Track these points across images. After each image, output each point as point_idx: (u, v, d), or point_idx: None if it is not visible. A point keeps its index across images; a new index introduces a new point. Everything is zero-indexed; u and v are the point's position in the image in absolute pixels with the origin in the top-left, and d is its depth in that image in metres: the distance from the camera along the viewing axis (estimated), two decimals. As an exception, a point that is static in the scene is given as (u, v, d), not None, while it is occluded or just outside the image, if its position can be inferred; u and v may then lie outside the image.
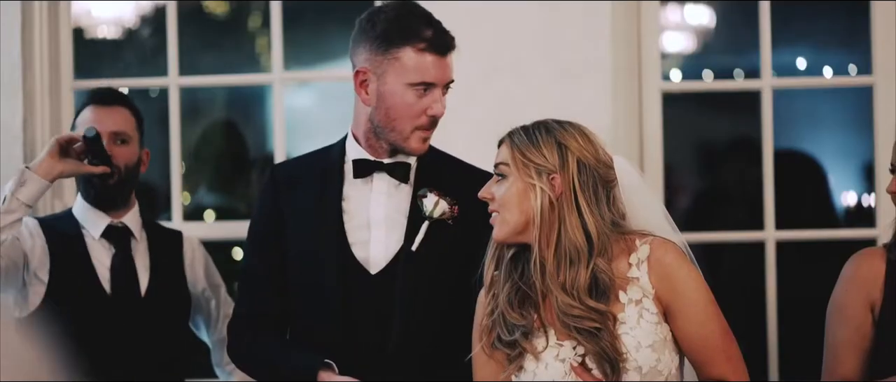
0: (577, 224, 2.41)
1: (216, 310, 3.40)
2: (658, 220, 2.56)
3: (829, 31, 5.55)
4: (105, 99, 3.27)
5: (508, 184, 2.46)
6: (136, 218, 3.29)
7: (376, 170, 2.72)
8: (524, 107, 3.70)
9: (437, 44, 2.66)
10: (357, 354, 2.63)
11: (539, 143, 2.46)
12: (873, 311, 2.69)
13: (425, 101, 2.66)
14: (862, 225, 4.89)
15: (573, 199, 2.42)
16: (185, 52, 4.04)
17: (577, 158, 2.44)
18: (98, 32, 5.21)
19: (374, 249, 2.68)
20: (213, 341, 3.43)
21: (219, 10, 5.87)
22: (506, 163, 2.48)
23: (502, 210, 2.46)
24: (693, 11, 5.37)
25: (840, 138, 5.73)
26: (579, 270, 2.39)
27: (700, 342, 2.42)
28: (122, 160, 3.20)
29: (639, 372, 2.39)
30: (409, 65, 2.64)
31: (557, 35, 3.70)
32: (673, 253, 2.44)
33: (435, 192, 2.67)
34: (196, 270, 3.36)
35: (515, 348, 2.45)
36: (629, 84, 3.76)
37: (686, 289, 2.42)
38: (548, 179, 2.43)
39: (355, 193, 2.72)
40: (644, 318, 2.40)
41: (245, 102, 6.23)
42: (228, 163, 5.82)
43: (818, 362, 2.81)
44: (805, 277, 3.97)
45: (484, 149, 3.64)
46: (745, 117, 4.81)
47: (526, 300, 2.47)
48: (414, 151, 2.70)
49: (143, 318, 3.21)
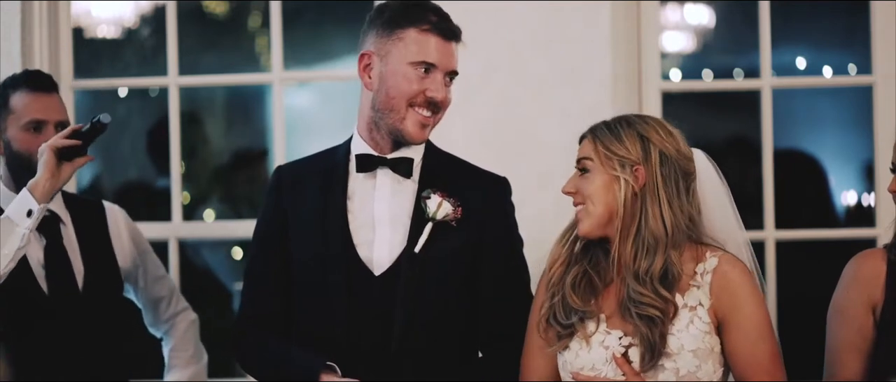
0: (657, 214, 2.47)
1: (143, 276, 3.34)
2: (727, 217, 2.60)
3: (829, 31, 5.55)
4: (46, 86, 3.14)
5: (592, 177, 2.52)
6: (60, 201, 3.18)
7: (379, 165, 2.71)
8: (524, 107, 3.71)
9: (442, 27, 2.68)
10: (360, 354, 2.63)
11: (621, 136, 2.52)
12: (874, 312, 2.68)
13: (425, 82, 2.66)
14: (862, 224, 4.89)
15: (655, 191, 2.48)
16: (185, 52, 4.04)
17: (659, 150, 2.50)
18: (98, 32, 5.21)
19: (378, 250, 2.68)
20: (142, 303, 3.39)
21: (218, 10, 5.87)
22: (589, 157, 2.54)
23: (587, 202, 2.52)
24: (693, 11, 5.37)
25: (840, 138, 5.73)
26: (655, 258, 2.46)
27: (750, 360, 2.47)
28: None
29: (675, 373, 2.44)
30: (411, 43, 2.66)
31: (557, 35, 3.70)
32: (740, 270, 2.50)
33: (439, 194, 2.67)
34: (123, 242, 3.28)
35: (568, 329, 2.51)
36: (629, 83, 3.76)
37: (745, 305, 2.47)
38: (631, 171, 2.49)
39: (360, 189, 2.72)
40: (694, 324, 2.46)
41: (245, 102, 6.23)
42: (228, 162, 5.82)
43: (818, 362, 2.81)
44: (805, 277, 3.97)
45: (484, 148, 3.65)
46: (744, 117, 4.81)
47: (589, 285, 2.53)
48: (411, 137, 2.69)
49: (84, 314, 3.12)
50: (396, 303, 2.63)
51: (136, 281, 3.35)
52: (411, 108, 2.67)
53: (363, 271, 2.67)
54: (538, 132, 3.68)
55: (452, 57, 2.71)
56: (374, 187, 2.72)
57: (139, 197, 5.34)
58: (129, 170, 5.79)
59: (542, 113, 3.69)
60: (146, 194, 5.46)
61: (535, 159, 3.66)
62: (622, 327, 2.49)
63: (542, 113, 3.69)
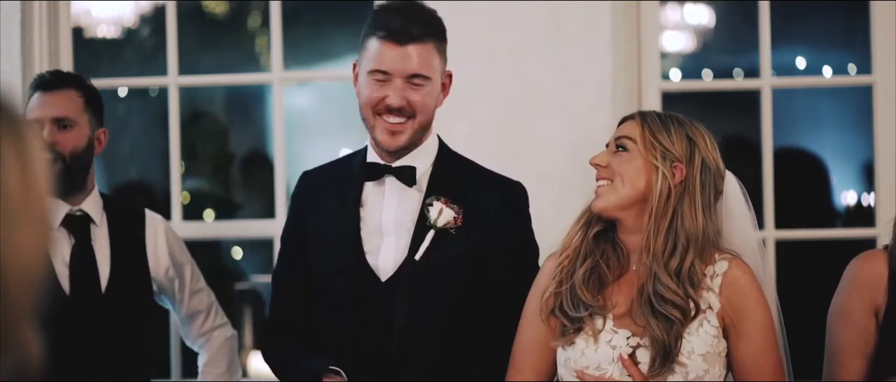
0: (693, 215, 2.45)
1: (180, 290, 3.31)
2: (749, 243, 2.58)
3: (829, 31, 5.56)
4: (48, 84, 3.15)
5: (629, 157, 2.49)
6: (96, 202, 3.19)
7: (386, 174, 2.73)
8: (524, 107, 3.71)
9: (397, 33, 2.64)
10: (366, 360, 2.64)
11: (671, 130, 2.50)
12: (877, 315, 2.67)
13: (383, 90, 2.65)
14: (861, 224, 4.89)
15: (694, 192, 2.47)
16: (185, 52, 4.04)
17: (702, 157, 2.49)
18: (98, 32, 5.21)
19: (384, 256, 2.69)
20: (180, 317, 3.38)
21: (218, 10, 5.87)
22: (632, 138, 2.51)
23: (615, 179, 2.49)
24: (693, 11, 5.38)
25: (840, 138, 5.74)
26: (686, 257, 2.43)
27: (754, 367, 2.46)
28: (66, 146, 3.10)
29: (684, 377, 2.41)
30: (370, 52, 2.67)
31: (557, 35, 3.70)
32: (749, 276, 2.48)
33: (442, 201, 2.66)
34: (159, 252, 3.26)
35: (576, 323, 2.47)
36: (629, 83, 3.76)
37: (754, 313, 2.46)
38: (671, 165, 2.47)
39: (371, 198, 2.74)
40: (704, 327, 2.43)
41: (245, 102, 6.23)
42: (228, 162, 5.82)
43: (817, 361, 2.80)
44: (804, 276, 3.96)
45: (483, 148, 3.64)
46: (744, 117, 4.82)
47: (598, 280, 2.50)
48: (384, 145, 2.68)
49: (104, 316, 3.12)
50: (397, 309, 2.64)
51: (173, 294, 3.32)
52: (378, 117, 2.67)
53: (371, 278, 2.68)
54: (538, 132, 3.68)
55: (409, 60, 2.65)
56: (382, 195, 2.73)
57: (139, 197, 5.34)
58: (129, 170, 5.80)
59: (542, 113, 3.69)
60: (146, 193, 5.46)
61: (534, 159, 3.65)
62: (630, 327, 2.45)
63: (542, 113, 3.69)
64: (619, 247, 2.53)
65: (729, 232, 2.54)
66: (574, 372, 2.47)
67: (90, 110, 3.17)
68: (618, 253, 2.53)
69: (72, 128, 3.12)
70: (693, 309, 2.42)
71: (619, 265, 2.52)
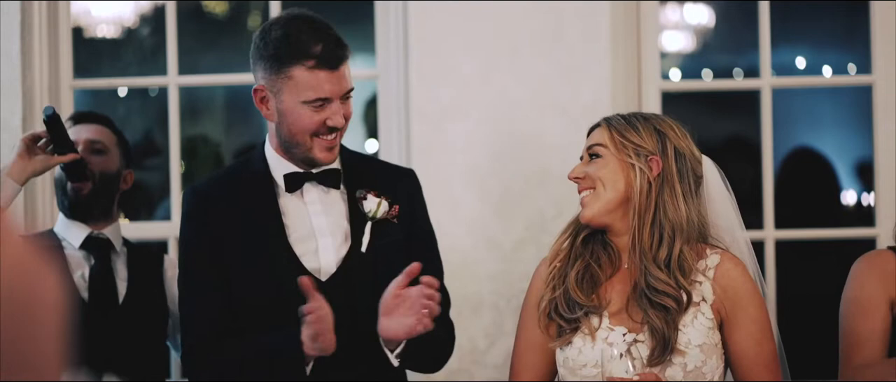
0: (675, 205, 2.49)
1: None
2: (733, 227, 2.62)
3: (829, 31, 5.56)
4: (83, 117, 3.28)
5: (604, 162, 2.54)
6: (118, 232, 3.25)
7: (306, 181, 2.71)
8: (524, 107, 3.71)
9: (327, 59, 2.62)
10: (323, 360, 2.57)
11: (638, 127, 2.54)
12: (893, 307, 2.70)
13: (323, 114, 2.64)
14: (861, 224, 4.89)
15: (672, 183, 2.51)
16: (185, 52, 4.04)
17: (674, 146, 2.53)
18: (97, 32, 5.21)
19: (325, 257, 2.67)
20: None
21: (218, 10, 5.87)
22: (602, 144, 2.56)
23: (596, 186, 2.53)
24: (692, 11, 5.38)
25: (839, 137, 5.74)
26: (673, 246, 2.47)
27: (750, 358, 2.49)
28: (96, 167, 3.18)
29: (683, 368, 2.45)
30: (301, 83, 2.62)
31: (557, 35, 3.70)
32: (741, 269, 2.53)
33: (372, 193, 2.69)
34: (173, 292, 3.24)
35: (572, 323, 2.51)
36: (629, 83, 3.76)
37: (748, 305, 2.50)
38: (646, 160, 2.51)
39: (291, 207, 2.71)
40: (698, 320, 2.47)
41: (244, 102, 6.23)
42: (228, 162, 5.82)
43: (818, 361, 2.81)
44: (805, 277, 3.97)
45: (484, 148, 3.65)
46: (744, 116, 4.82)
47: (591, 280, 2.54)
48: (322, 161, 2.69)
49: (121, 325, 3.14)
50: (344, 305, 2.60)
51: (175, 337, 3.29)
52: (315, 138, 2.65)
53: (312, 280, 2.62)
54: (538, 132, 3.68)
55: (343, 80, 2.65)
56: (304, 203, 2.71)
57: (138, 197, 5.34)
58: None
59: (542, 113, 3.68)
60: (146, 193, 5.46)
61: (534, 159, 3.65)
62: (626, 323, 2.49)
63: (542, 113, 3.68)
64: (610, 247, 2.57)
65: (714, 215, 2.59)
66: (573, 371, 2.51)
67: (120, 147, 3.28)
68: (609, 253, 2.57)
69: (104, 154, 3.22)
70: (685, 297, 2.46)
71: (610, 264, 2.56)
